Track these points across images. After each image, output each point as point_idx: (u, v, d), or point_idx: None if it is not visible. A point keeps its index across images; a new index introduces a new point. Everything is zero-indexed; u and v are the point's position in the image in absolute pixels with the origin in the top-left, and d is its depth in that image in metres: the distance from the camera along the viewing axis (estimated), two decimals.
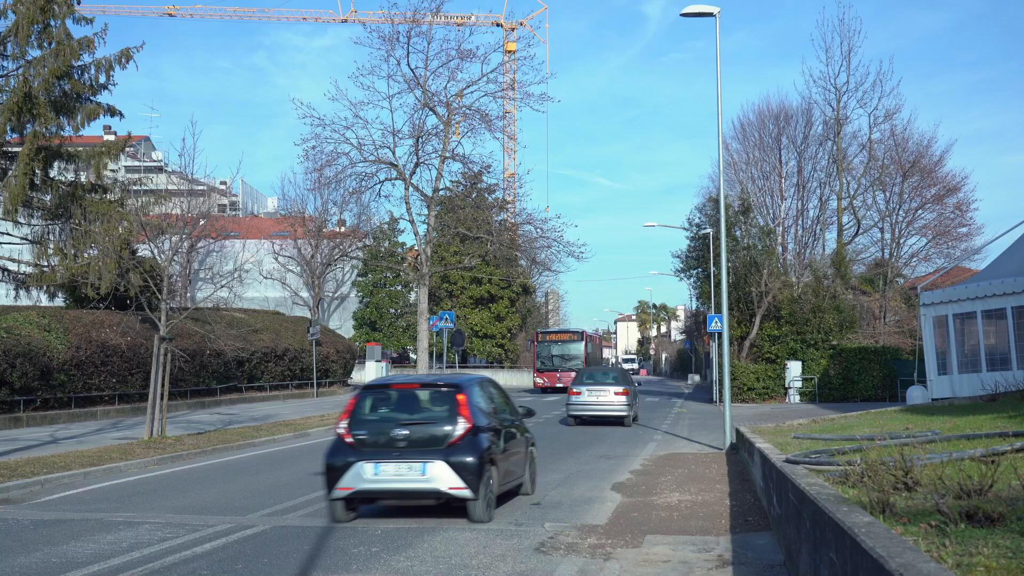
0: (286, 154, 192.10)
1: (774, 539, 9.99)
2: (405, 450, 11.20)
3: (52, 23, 28.55)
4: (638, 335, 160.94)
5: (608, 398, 26.96)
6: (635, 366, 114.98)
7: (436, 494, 11.10)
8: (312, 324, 44.57)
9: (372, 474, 11.08)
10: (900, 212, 48.47)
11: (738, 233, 43.80)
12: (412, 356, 68.90)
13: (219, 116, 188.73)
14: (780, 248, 47.15)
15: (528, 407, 15.36)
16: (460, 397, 11.65)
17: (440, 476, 10.95)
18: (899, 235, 48.88)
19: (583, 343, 49.77)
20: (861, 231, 49.37)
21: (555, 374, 50.02)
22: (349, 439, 11.48)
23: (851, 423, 18.60)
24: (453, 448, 11.12)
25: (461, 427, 11.29)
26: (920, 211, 48.65)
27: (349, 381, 51.45)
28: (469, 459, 11.03)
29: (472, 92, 38.35)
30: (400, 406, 12.18)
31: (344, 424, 11.66)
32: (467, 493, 10.93)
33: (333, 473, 11.24)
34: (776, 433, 17.59)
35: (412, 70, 36.95)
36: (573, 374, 39.98)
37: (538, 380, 51.16)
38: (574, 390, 27.10)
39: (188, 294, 46.13)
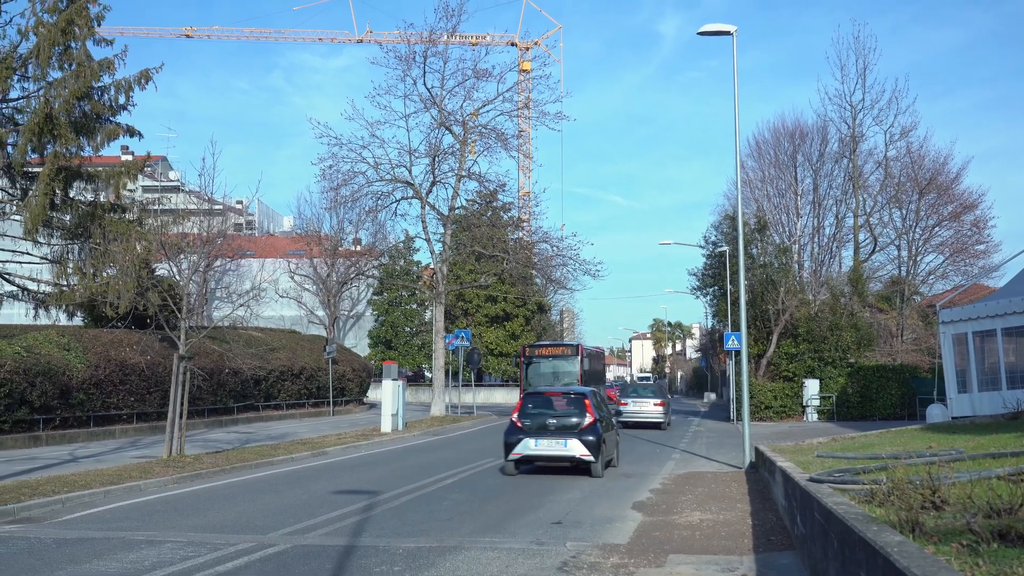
0: (302, 173, 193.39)
1: (798, 559, 9.92)
2: (553, 432, 18.31)
3: (73, 45, 28.75)
4: (653, 353, 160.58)
5: (650, 408, 36.12)
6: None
7: (572, 459, 18.23)
8: (328, 343, 44.62)
9: (534, 445, 18.26)
10: (917, 229, 48.26)
11: (754, 251, 43.74)
12: (427, 374, 68.89)
13: (235, 136, 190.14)
14: (796, 266, 47.03)
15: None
16: (586, 401, 18.95)
17: (575, 448, 18.05)
18: (916, 252, 48.65)
19: (578, 359, 39.52)
20: (878, 249, 49.20)
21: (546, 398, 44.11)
22: (519, 424, 18.59)
23: (872, 442, 18.48)
24: (582, 431, 18.19)
25: (588, 419, 18.39)
26: (937, 228, 48.42)
27: (365, 399, 51.43)
28: (591, 438, 18.07)
29: (488, 111, 38.60)
30: (549, 405, 19.24)
31: (516, 415, 18.85)
32: (590, 458, 17.94)
33: (509, 445, 18.45)
34: (796, 452, 17.48)
35: (428, 89, 37.20)
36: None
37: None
38: (622, 401, 36.79)
39: (205, 313, 46.35)
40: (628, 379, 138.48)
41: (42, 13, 28.71)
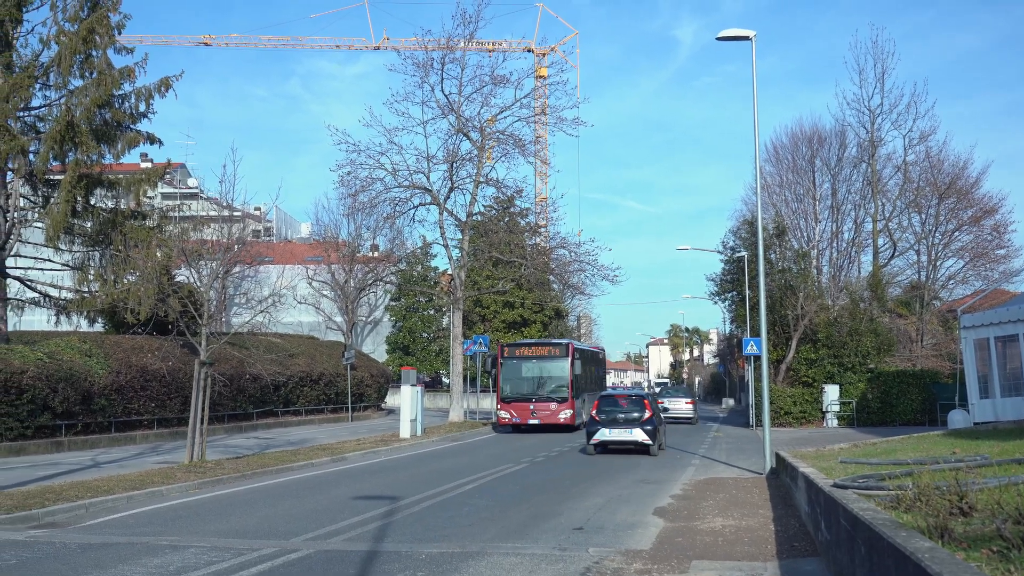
0: (319, 180, 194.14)
1: (823, 565, 9.87)
2: (622, 423, 24.98)
3: (94, 53, 29.00)
4: (670, 359, 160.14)
5: (682, 406, 44.46)
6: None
7: (636, 443, 24.86)
8: (347, 348, 44.74)
9: (608, 433, 24.91)
10: (936, 234, 47.95)
11: (773, 256, 43.59)
12: (444, 380, 68.95)
13: (253, 143, 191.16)
14: (815, 271, 46.82)
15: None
16: (645, 401, 25.89)
17: (638, 435, 24.69)
18: (936, 257, 48.33)
19: (568, 360, 34.84)
20: (897, 253, 48.90)
21: (527, 405, 34.78)
22: (596, 418, 25.32)
23: (894, 447, 18.37)
24: (643, 423, 24.86)
25: (647, 414, 25.20)
26: (957, 233, 48.12)
27: (383, 405, 51.52)
28: (650, 428, 24.79)
29: (505, 117, 38.65)
30: (617, 404, 25.91)
31: (595, 411, 25.64)
32: (649, 442, 24.73)
33: (590, 433, 25.24)
34: (818, 457, 17.40)
35: (446, 96, 37.31)
36: (554, 406, 34.61)
37: (502, 414, 35.34)
38: (660, 400, 37.94)
39: (224, 319, 46.55)
40: (646, 386, 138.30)
41: (64, 22, 29.00)
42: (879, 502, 8.53)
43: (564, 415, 34.64)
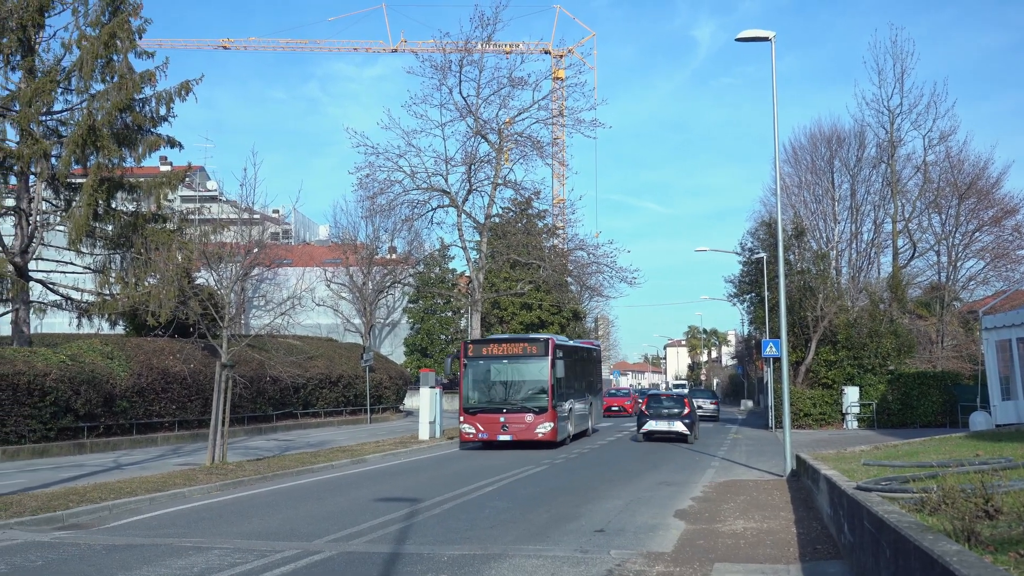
0: (338, 182, 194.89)
1: (846, 567, 9.84)
2: (666, 416, 31.18)
3: (115, 58, 29.21)
4: (688, 360, 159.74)
5: (708, 405, 50.17)
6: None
7: (677, 433, 30.77)
8: (365, 351, 44.88)
9: (655, 424, 31.04)
10: (957, 235, 47.66)
11: (791, 257, 43.43)
12: None
13: (272, 145, 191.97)
14: (834, 272, 46.61)
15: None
16: (685, 400, 32.52)
17: (679, 426, 30.86)
18: (956, 258, 48.02)
19: (547, 360, 27.91)
20: (917, 254, 48.64)
21: (496, 417, 27.89)
22: (646, 412, 31.42)
23: (916, 449, 18.27)
24: (683, 417, 31.13)
25: (686, 410, 31.56)
26: (977, 233, 47.79)
27: (402, 407, 51.64)
28: (688, 421, 31.11)
29: (523, 119, 38.66)
30: (663, 401, 32.55)
31: (644, 406, 31.87)
32: (688, 432, 30.86)
33: (641, 424, 31.54)
34: (839, 460, 17.33)
35: (464, 98, 37.33)
36: (530, 417, 27.60)
37: (465, 429, 28.31)
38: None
39: (243, 321, 46.76)
40: (663, 387, 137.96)
41: (85, 27, 29.23)
42: (903, 505, 8.49)
43: (543, 429, 27.49)
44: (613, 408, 57.00)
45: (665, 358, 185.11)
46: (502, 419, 27.83)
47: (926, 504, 8.09)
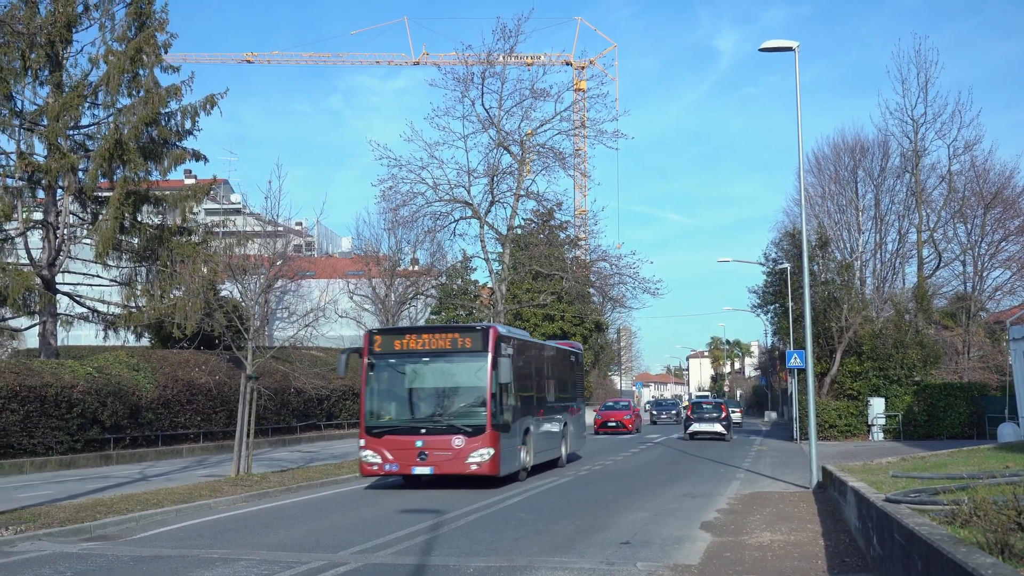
0: (360, 195, 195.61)
1: None
2: (707, 420, 40.13)
3: (141, 72, 29.53)
4: (711, 371, 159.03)
5: (735, 414, 55.34)
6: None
7: (717, 433, 39.73)
8: None
9: (698, 426, 39.94)
10: (982, 245, 47.23)
11: (815, 268, 43.16)
12: None
13: (295, 158, 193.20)
14: (859, 282, 46.31)
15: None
16: (722, 406, 41.78)
17: (717, 427, 39.85)
18: (982, 268, 47.59)
19: (485, 359, 19.84)
20: (942, 264, 48.21)
21: (410, 441, 19.73)
22: (691, 416, 40.66)
23: (944, 461, 18.10)
24: (721, 420, 40.15)
25: (723, 414, 40.52)
26: (1003, 243, 47.35)
27: None
28: (725, 423, 40.17)
29: (545, 130, 38.66)
30: (704, 407, 41.79)
31: (690, 412, 41.29)
32: (725, 432, 40.03)
33: (686, 426, 40.38)
34: (866, 471, 17.20)
35: (486, 110, 37.40)
36: (460, 441, 19.19)
37: (367, 458, 20.17)
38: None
39: (267, 333, 46.98)
40: (685, 397, 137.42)
41: (112, 42, 29.56)
42: (934, 517, 8.41)
43: (478, 458, 19.09)
44: (610, 424, 47.14)
45: (688, 369, 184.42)
46: (419, 443, 19.30)
47: (957, 516, 8.00)
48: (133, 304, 30.45)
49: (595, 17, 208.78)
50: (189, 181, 47.42)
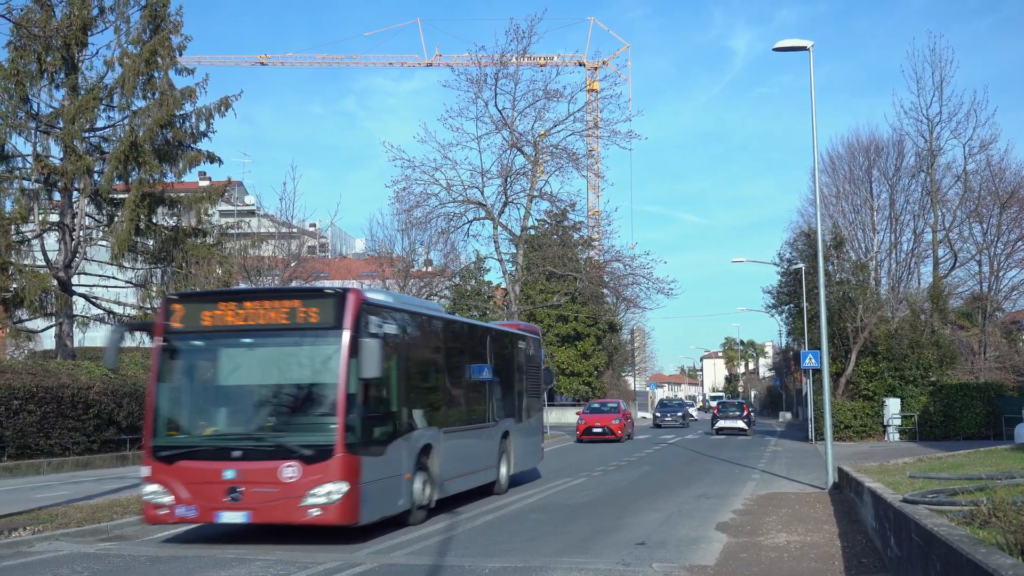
0: (374, 196, 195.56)
1: None
2: (731, 417, 47.37)
3: (156, 75, 29.66)
4: (725, 372, 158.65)
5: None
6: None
7: (740, 429, 46.37)
8: None
9: (723, 422, 47.02)
10: (999, 244, 46.94)
11: (830, 268, 43.00)
12: None
13: (309, 160, 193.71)
14: (874, 282, 46.13)
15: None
16: (744, 405, 49.93)
17: (740, 423, 46.71)
18: (998, 268, 47.31)
19: (340, 339, 12.40)
20: (958, 264, 47.95)
21: (216, 469, 12.36)
22: (717, 414, 48.52)
23: (961, 462, 18.02)
24: (743, 417, 47.16)
25: (745, 412, 47.86)
26: (1020, 243, 47.01)
27: None
28: (746, 420, 47.39)
29: (558, 131, 38.72)
30: (728, 407, 49.76)
31: (716, 411, 49.28)
32: (746, 428, 47.02)
33: (713, 422, 48.15)
34: (882, 472, 17.13)
35: (500, 111, 37.50)
36: (293, 471, 12.11)
37: (151, 495, 12.91)
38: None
39: None
40: (699, 398, 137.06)
41: (127, 44, 29.69)
42: (952, 518, 8.37)
43: (320, 498, 12.10)
44: (594, 429, 38.86)
45: (702, 370, 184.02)
46: (229, 473, 12.45)
47: (976, 517, 7.97)
48: (148, 305, 30.56)
49: (608, 17, 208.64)
50: (204, 183, 47.62)
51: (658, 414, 60.66)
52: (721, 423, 46.99)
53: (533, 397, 21.74)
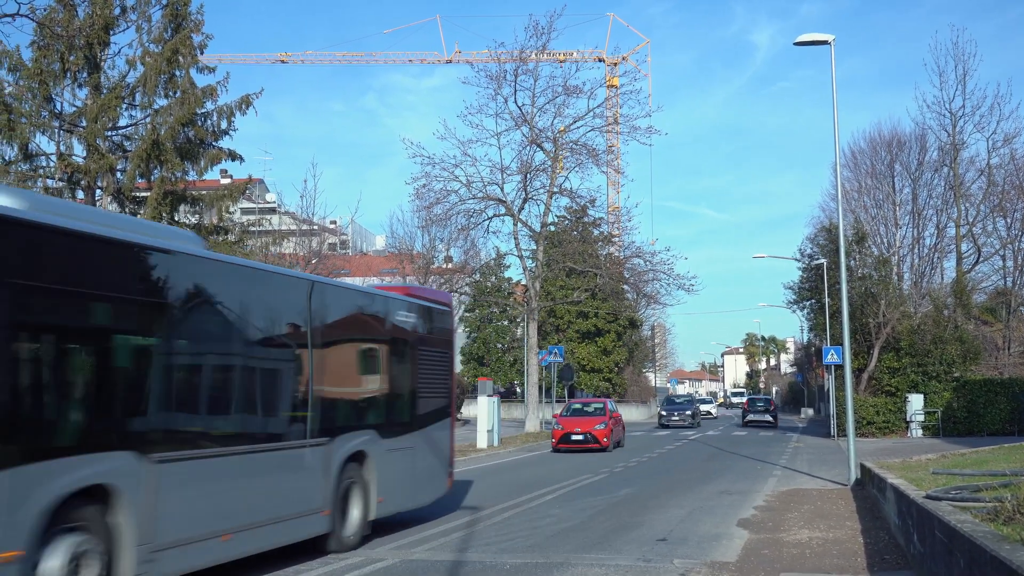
0: (394, 193, 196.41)
1: None
2: (759, 411, 55.84)
3: (178, 73, 29.75)
4: (746, 368, 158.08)
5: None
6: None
7: (766, 421, 54.34)
8: None
9: (752, 416, 55.41)
10: (1023, 239, 46.61)
11: (852, 263, 42.77)
12: (518, 390, 69.06)
13: (330, 157, 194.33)
14: (896, 278, 45.83)
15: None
16: (771, 400, 60.02)
17: (766, 416, 54.81)
18: (1022, 263, 46.93)
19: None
20: (981, 259, 47.56)
21: None
22: (747, 408, 57.68)
23: (985, 458, 17.89)
24: (769, 411, 55.43)
25: (771, 407, 56.63)
26: None
27: (459, 415, 51.77)
28: (773, 414, 55.57)
29: (578, 127, 38.65)
30: (756, 402, 58.81)
31: (746, 405, 58.80)
32: (773, 421, 54.75)
33: (743, 416, 57.18)
34: (905, 468, 17.04)
35: (519, 107, 37.46)
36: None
37: None
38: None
39: None
40: (720, 394, 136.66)
41: (148, 43, 29.79)
42: (976, 514, 8.30)
43: None
44: (573, 436, 30.89)
45: (723, 366, 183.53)
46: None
47: (1000, 513, 7.89)
48: None
49: (628, 13, 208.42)
50: (225, 181, 47.74)
51: (663, 413, 53.01)
52: (751, 416, 55.18)
53: (430, 397, 14.66)
